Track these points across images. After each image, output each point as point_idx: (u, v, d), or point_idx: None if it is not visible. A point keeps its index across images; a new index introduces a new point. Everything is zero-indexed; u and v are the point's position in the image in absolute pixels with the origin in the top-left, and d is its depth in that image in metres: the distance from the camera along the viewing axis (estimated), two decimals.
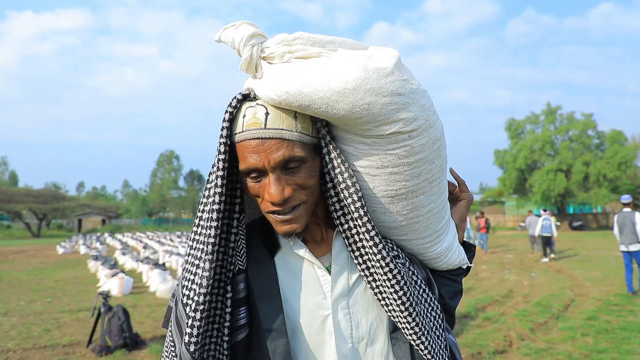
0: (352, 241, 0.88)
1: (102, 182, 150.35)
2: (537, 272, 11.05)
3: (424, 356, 0.90)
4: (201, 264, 0.82)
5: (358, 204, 0.83)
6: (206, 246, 0.82)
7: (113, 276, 9.59)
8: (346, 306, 0.90)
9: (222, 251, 0.86)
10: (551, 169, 31.37)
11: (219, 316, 0.86)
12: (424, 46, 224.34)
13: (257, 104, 0.82)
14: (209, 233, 0.82)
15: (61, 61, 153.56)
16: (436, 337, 0.93)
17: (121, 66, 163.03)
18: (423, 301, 0.92)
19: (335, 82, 0.75)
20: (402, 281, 0.86)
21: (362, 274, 0.89)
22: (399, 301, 0.86)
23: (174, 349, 0.86)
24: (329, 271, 0.91)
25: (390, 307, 0.88)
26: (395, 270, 0.85)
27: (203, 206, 0.87)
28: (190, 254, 0.88)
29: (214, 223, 0.82)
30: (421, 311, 0.90)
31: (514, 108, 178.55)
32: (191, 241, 0.89)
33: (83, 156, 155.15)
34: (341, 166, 0.84)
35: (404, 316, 0.87)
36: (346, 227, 0.88)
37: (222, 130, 0.81)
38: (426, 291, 0.94)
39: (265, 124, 0.80)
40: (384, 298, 0.89)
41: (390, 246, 0.93)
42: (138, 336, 5.61)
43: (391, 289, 0.86)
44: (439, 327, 0.95)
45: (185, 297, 0.83)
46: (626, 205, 8.33)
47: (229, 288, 0.86)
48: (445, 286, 1.05)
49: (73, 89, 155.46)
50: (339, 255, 0.92)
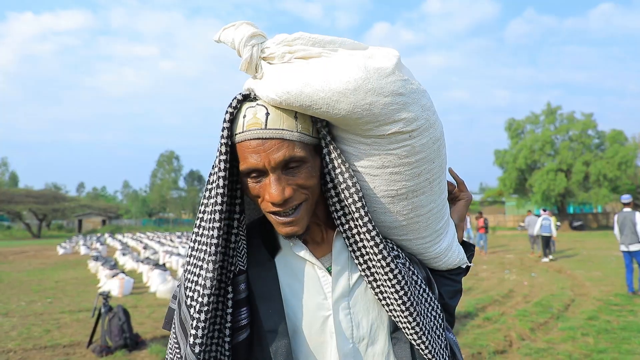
0: (352, 241, 0.88)
1: (102, 182, 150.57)
2: (537, 272, 11.05)
3: (424, 356, 0.90)
4: (204, 265, 0.82)
5: (359, 204, 0.83)
6: (209, 247, 0.82)
7: (113, 277, 9.58)
8: (347, 306, 0.90)
9: (222, 252, 0.86)
10: (551, 168, 31.36)
11: (220, 317, 0.85)
12: (424, 46, 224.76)
13: (257, 104, 0.82)
14: (212, 234, 0.82)
15: (61, 61, 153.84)
16: (436, 336, 0.93)
17: (121, 66, 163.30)
18: (423, 301, 0.92)
19: (336, 82, 0.75)
20: (402, 281, 0.86)
21: (363, 274, 0.89)
22: (399, 301, 0.86)
23: (178, 350, 0.86)
24: (329, 272, 0.91)
25: (391, 306, 0.88)
26: (396, 270, 0.85)
27: (204, 207, 0.87)
28: (192, 255, 0.87)
29: (216, 224, 0.81)
30: (422, 311, 0.90)
31: (514, 108, 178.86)
32: (192, 242, 0.88)
33: (83, 156, 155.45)
34: (342, 166, 0.84)
35: (405, 316, 0.87)
36: (347, 227, 0.88)
37: (222, 130, 0.80)
38: (426, 291, 0.94)
39: (266, 124, 0.79)
40: (384, 298, 0.88)
41: (391, 246, 0.93)
42: (138, 336, 5.61)
43: (392, 288, 0.86)
44: (439, 326, 0.95)
45: (189, 299, 0.83)
46: (626, 205, 8.33)
47: (229, 289, 0.86)
48: (445, 286, 1.05)
49: (73, 89, 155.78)
50: (339, 255, 0.92)
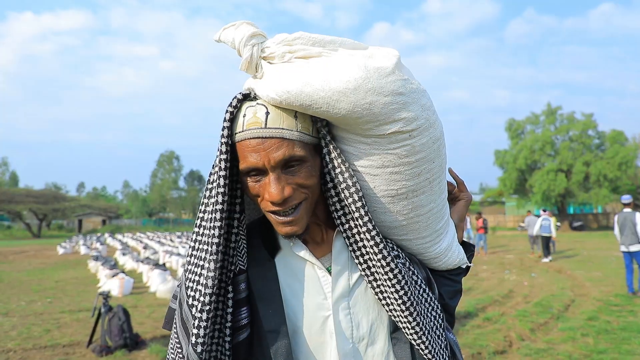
0: (352, 241, 0.88)
1: (103, 182, 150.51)
2: (538, 273, 11.04)
3: (424, 356, 0.90)
4: (206, 264, 0.82)
5: (359, 204, 0.83)
6: (210, 246, 0.82)
7: (113, 276, 9.58)
8: (347, 306, 0.90)
9: (222, 251, 0.86)
10: (551, 169, 31.35)
11: (220, 317, 0.85)
12: (424, 46, 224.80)
13: (257, 103, 0.82)
14: (213, 233, 0.82)
15: (61, 61, 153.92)
16: (436, 336, 0.93)
17: (121, 66, 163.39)
18: (423, 301, 0.92)
19: (336, 81, 0.75)
20: (403, 280, 0.86)
21: (363, 273, 0.89)
22: (399, 300, 0.86)
23: (180, 350, 0.86)
24: (329, 272, 0.91)
25: (391, 306, 0.88)
26: (396, 270, 0.85)
27: (204, 207, 0.87)
28: (192, 255, 0.87)
29: (217, 223, 0.82)
30: (422, 311, 0.90)
31: (514, 108, 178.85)
32: (193, 242, 0.88)
33: (83, 156, 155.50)
34: (341, 166, 0.84)
35: (405, 315, 0.87)
36: (347, 227, 0.88)
37: (222, 130, 0.80)
38: (426, 291, 0.94)
39: (266, 124, 0.79)
40: (385, 298, 0.88)
41: (391, 246, 0.93)
42: (138, 336, 5.61)
43: (392, 288, 0.86)
44: (439, 326, 0.95)
45: (191, 298, 0.83)
46: (627, 205, 8.33)
47: (230, 288, 0.86)
48: (445, 286, 1.05)
49: (73, 89, 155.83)
50: (339, 255, 0.92)
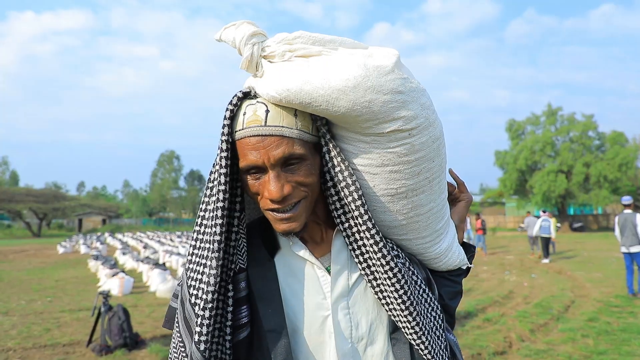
0: (352, 240, 0.88)
1: (103, 182, 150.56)
2: (538, 273, 11.04)
3: (424, 356, 0.90)
4: (208, 262, 0.83)
5: (358, 202, 0.83)
6: (212, 244, 0.82)
7: (113, 276, 9.59)
8: (346, 306, 0.90)
9: (223, 249, 0.86)
10: (552, 170, 31.34)
11: (220, 315, 0.85)
12: (424, 46, 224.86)
13: (257, 101, 0.82)
14: (215, 231, 0.82)
15: (61, 61, 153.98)
16: (436, 337, 0.93)
17: (121, 66, 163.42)
18: (423, 301, 0.92)
19: (336, 79, 0.76)
20: (402, 280, 0.86)
21: (363, 272, 0.89)
22: (399, 300, 0.86)
23: (183, 349, 0.86)
24: (328, 271, 0.91)
25: (391, 306, 0.88)
26: (395, 269, 0.85)
27: (205, 205, 0.87)
28: (194, 253, 0.87)
29: (219, 221, 0.82)
30: (421, 311, 0.90)
31: (514, 108, 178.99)
32: (194, 241, 0.88)
33: (83, 156, 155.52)
34: (341, 164, 0.84)
35: (405, 315, 0.87)
36: (347, 226, 0.88)
37: (223, 128, 0.81)
38: (426, 291, 0.94)
39: (266, 122, 0.80)
40: (384, 297, 0.88)
41: (391, 245, 0.93)
42: (138, 336, 5.61)
43: (392, 287, 0.86)
44: (439, 327, 0.95)
45: (193, 297, 0.84)
46: (627, 206, 8.32)
47: (230, 287, 0.86)
48: (445, 287, 1.05)
49: (73, 89, 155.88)
50: (338, 255, 0.92)
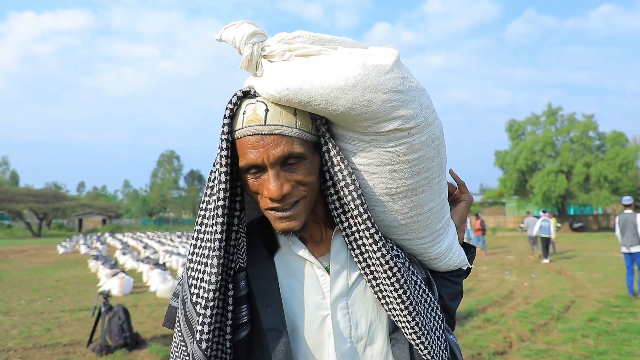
0: (352, 239, 0.88)
1: (103, 182, 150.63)
2: (538, 274, 11.04)
3: (423, 356, 0.90)
4: (209, 261, 0.83)
5: (358, 202, 0.83)
6: (213, 243, 0.82)
7: (113, 276, 9.59)
8: (345, 306, 0.90)
9: (223, 248, 0.86)
10: (552, 170, 31.32)
11: (221, 315, 0.85)
12: (424, 46, 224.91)
13: (257, 100, 0.83)
14: (215, 229, 0.82)
15: (61, 61, 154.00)
16: (436, 337, 0.93)
17: (121, 66, 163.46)
18: (423, 301, 0.92)
19: (335, 78, 0.76)
20: (402, 279, 0.86)
21: (363, 272, 0.89)
22: (398, 299, 0.86)
23: (185, 348, 0.86)
24: (328, 271, 0.91)
25: (391, 305, 0.88)
26: (395, 269, 0.85)
27: (206, 204, 0.87)
28: (195, 252, 0.88)
29: (219, 219, 0.82)
30: (421, 311, 0.90)
31: (514, 108, 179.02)
32: (195, 240, 0.88)
33: (83, 156, 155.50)
34: (340, 164, 0.84)
35: (404, 315, 0.87)
36: (346, 225, 0.88)
37: (223, 126, 0.81)
38: (426, 291, 0.94)
39: (265, 120, 0.80)
40: (384, 297, 0.88)
41: (391, 245, 0.93)
42: (138, 336, 5.61)
43: (391, 287, 0.86)
44: (439, 327, 0.95)
45: (195, 296, 0.84)
46: (627, 206, 8.31)
47: (230, 286, 0.86)
48: (446, 287, 1.05)
49: (73, 89, 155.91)
50: (338, 254, 0.92)
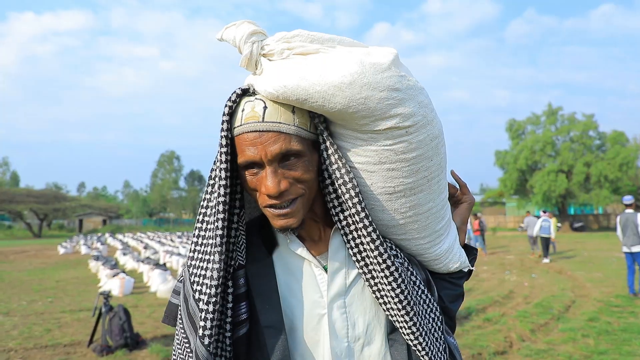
0: (350, 238, 0.88)
1: (103, 182, 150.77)
2: (538, 273, 11.04)
3: (421, 357, 0.89)
4: (210, 257, 0.83)
5: (355, 200, 0.83)
6: (214, 239, 0.83)
7: (114, 276, 9.59)
8: (342, 305, 0.90)
9: (225, 244, 0.86)
10: (552, 169, 31.29)
11: (220, 312, 0.86)
12: (424, 46, 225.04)
13: (255, 98, 0.83)
14: (217, 225, 0.83)
15: (61, 61, 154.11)
16: (434, 339, 0.92)
17: (121, 66, 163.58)
18: (422, 302, 0.92)
19: (332, 76, 0.76)
20: (399, 279, 0.86)
21: (361, 271, 0.89)
22: (396, 299, 0.86)
23: (188, 344, 0.87)
24: (326, 270, 0.91)
25: (389, 305, 0.88)
26: (392, 267, 0.85)
27: (207, 202, 0.88)
28: (196, 250, 0.88)
29: (220, 215, 0.82)
30: (419, 311, 0.89)
31: (514, 108, 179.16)
32: (196, 238, 0.89)
33: (84, 156, 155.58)
34: (338, 162, 0.84)
35: (402, 314, 0.87)
36: (344, 224, 0.88)
37: (222, 124, 0.82)
38: (425, 292, 0.93)
39: (263, 118, 0.80)
40: (382, 296, 0.88)
41: (390, 245, 0.93)
42: (139, 336, 5.61)
43: (388, 286, 0.86)
44: (437, 329, 0.94)
45: (197, 292, 0.84)
46: (628, 206, 8.30)
47: (229, 283, 0.86)
48: (446, 289, 1.04)
49: (73, 89, 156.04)
50: (336, 253, 0.92)
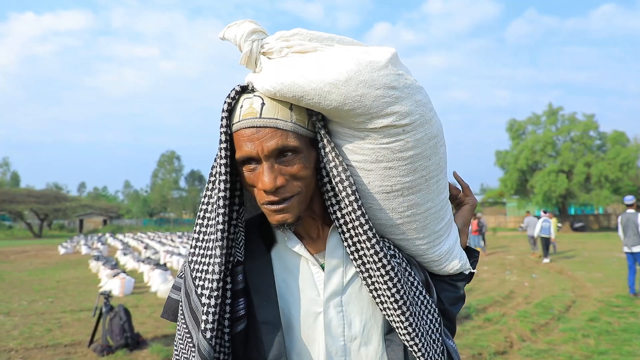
0: (347, 236, 0.89)
1: (103, 182, 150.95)
2: (538, 273, 11.03)
3: (417, 359, 0.89)
4: (211, 252, 0.84)
5: (352, 198, 0.84)
6: (215, 234, 0.84)
7: (114, 276, 9.60)
8: (339, 304, 0.90)
9: (226, 238, 0.87)
10: (552, 169, 31.24)
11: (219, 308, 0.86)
12: (424, 47, 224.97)
13: (254, 95, 0.84)
14: (218, 220, 0.84)
15: (62, 62, 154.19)
16: (431, 340, 0.92)
17: (121, 66, 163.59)
18: (419, 303, 0.92)
19: (328, 73, 0.77)
20: (395, 278, 0.86)
21: (358, 269, 0.89)
22: (392, 299, 0.86)
23: (190, 339, 0.87)
24: (323, 268, 0.92)
25: (385, 305, 0.88)
26: (388, 267, 0.85)
27: (208, 199, 0.89)
28: (197, 246, 0.89)
29: (221, 210, 0.83)
30: (415, 312, 0.89)
31: (514, 108, 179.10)
32: (197, 234, 0.90)
33: (84, 156, 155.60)
34: (335, 160, 0.85)
35: (397, 314, 0.87)
36: (342, 222, 0.88)
37: (221, 120, 0.83)
38: (423, 293, 0.93)
39: (261, 114, 0.81)
40: (379, 296, 0.88)
41: (388, 245, 0.93)
42: (139, 336, 5.62)
43: (385, 285, 0.86)
44: (435, 331, 0.94)
45: (200, 288, 0.85)
46: (629, 206, 8.30)
47: (228, 279, 0.87)
48: (446, 291, 1.04)
49: (74, 89, 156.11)
50: (334, 251, 0.92)
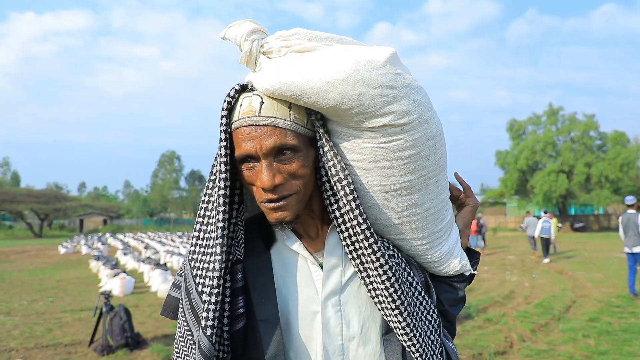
0: (346, 235, 0.89)
1: (104, 182, 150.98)
2: (538, 273, 11.03)
3: (415, 359, 0.89)
4: (212, 249, 0.85)
5: (350, 197, 0.84)
6: (216, 232, 0.84)
7: (114, 276, 9.60)
8: (337, 303, 0.91)
9: (226, 236, 0.88)
10: (553, 170, 31.22)
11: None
12: (424, 47, 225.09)
13: (253, 94, 0.85)
14: (218, 218, 0.84)
15: (62, 62, 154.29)
16: (430, 341, 0.92)
17: (122, 66, 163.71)
18: (418, 303, 0.92)
19: (326, 72, 0.77)
20: (393, 278, 0.86)
21: (356, 269, 0.89)
22: (389, 298, 0.86)
23: (190, 336, 0.88)
24: (322, 267, 0.92)
25: (383, 304, 0.88)
26: (386, 266, 0.85)
27: (208, 197, 0.90)
28: (197, 244, 0.90)
29: (221, 208, 0.84)
30: (414, 312, 0.89)
31: (514, 108, 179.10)
32: (197, 232, 0.90)
33: (84, 156, 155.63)
34: (334, 159, 0.85)
35: (395, 314, 0.87)
36: (340, 221, 0.89)
37: (221, 118, 0.83)
38: (422, 294, 0.93)
39: (260, 112, 0.82)
40: (377, 295, 0.88)
41: (387, 245, 0.93)
42: (140, 336, 5.62)
43: (382, 285, 0.86)
44: (434, 331, 0.94)
45: (200, 285, 0.86)
46: (630, 206, 8.30)
47: (227, 277, 0.87)
48: (446, 292, 1.04)
49: (74, 89, 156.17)
50: (332, 250, 0.93)
